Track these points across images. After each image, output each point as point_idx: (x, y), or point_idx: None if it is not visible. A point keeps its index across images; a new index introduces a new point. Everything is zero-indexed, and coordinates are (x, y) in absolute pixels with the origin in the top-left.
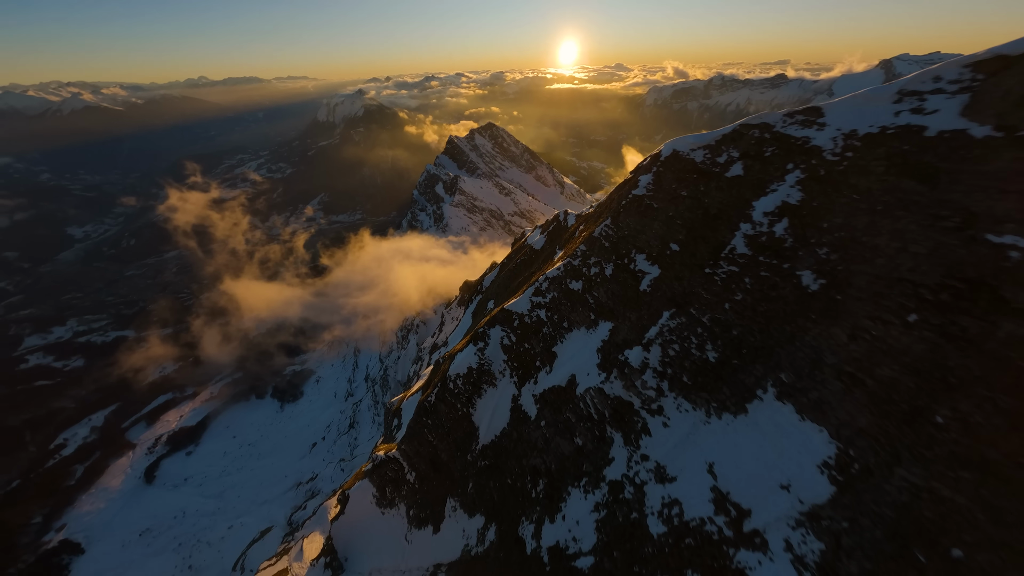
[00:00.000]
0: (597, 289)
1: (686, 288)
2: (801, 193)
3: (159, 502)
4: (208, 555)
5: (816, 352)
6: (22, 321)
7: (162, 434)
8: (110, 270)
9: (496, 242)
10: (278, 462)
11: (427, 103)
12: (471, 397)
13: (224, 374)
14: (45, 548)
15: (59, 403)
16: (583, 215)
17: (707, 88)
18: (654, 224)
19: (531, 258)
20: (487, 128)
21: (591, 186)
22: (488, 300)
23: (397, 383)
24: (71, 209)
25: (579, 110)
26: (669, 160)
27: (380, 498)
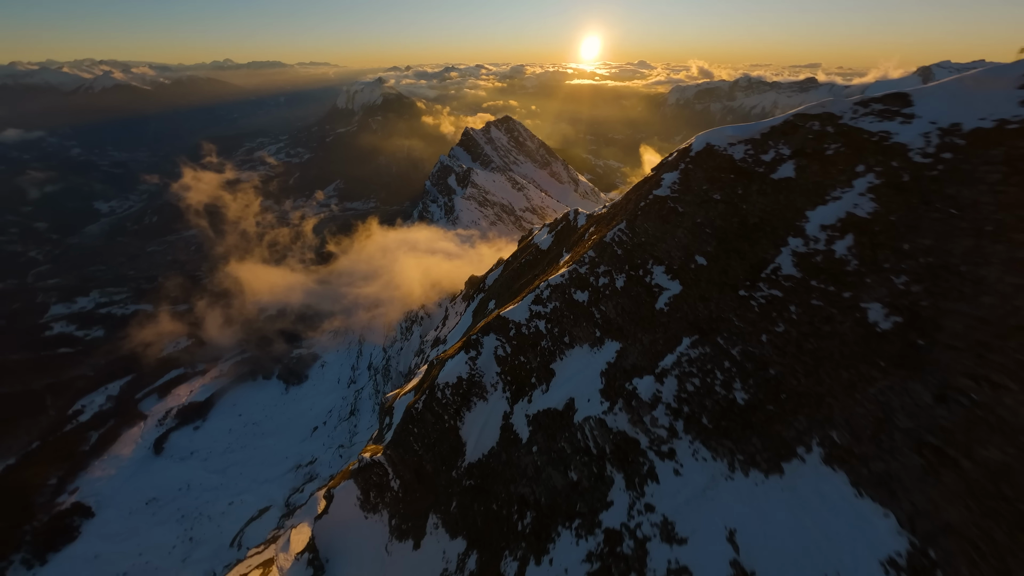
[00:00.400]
0: (605, 302)
1: (713, 311)
2: (874, 203)
3: (166, 473)
4: (208, 529)
5: (885, 410)
6: (49, 290)
7: (172, 407)
8: (132, 245)
9: (506, 237)
10: (280, 443)
11: (446, 94)
12: (459, 409)
13: (233, 353)
14: (59, 509)
15: (79, 371)
16: (595, 215)
17: (732, 89)
18: (677, 231)
19: (536, 259)
20: (503, 121)
21: (606, 185)
22: (490, 300)
23: (399, 373)
24: (98, 184)
25: (598, 107)
26: (701, 156)
27: (364, 501)
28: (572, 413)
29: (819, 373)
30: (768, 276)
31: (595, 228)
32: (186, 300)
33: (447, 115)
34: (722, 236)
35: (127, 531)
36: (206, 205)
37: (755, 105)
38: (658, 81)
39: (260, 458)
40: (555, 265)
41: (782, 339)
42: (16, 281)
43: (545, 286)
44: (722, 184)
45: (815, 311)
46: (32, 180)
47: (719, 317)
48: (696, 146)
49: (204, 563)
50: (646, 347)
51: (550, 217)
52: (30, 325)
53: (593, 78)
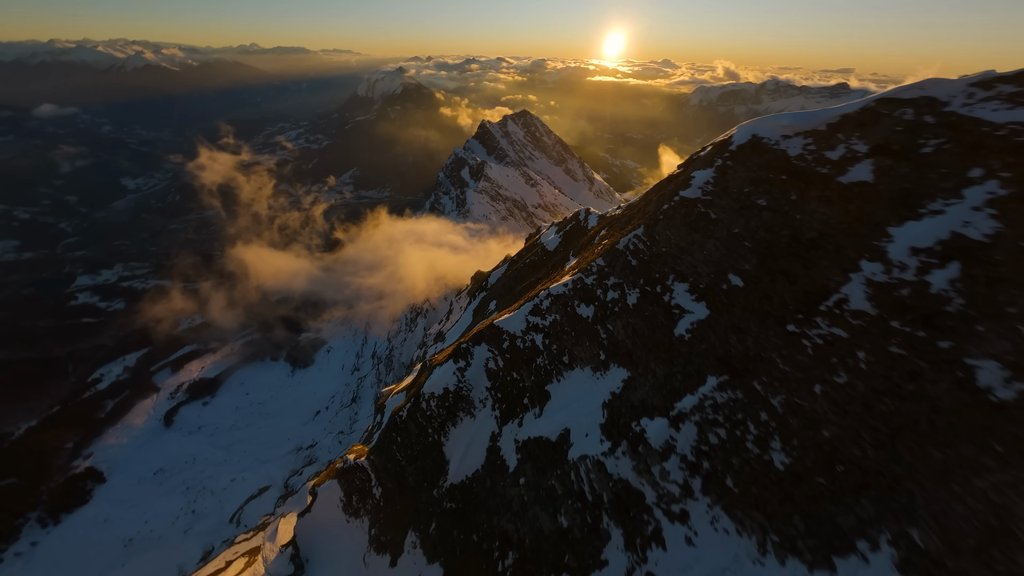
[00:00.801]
0: (613, 321)
1: (750, 347)
2: (996, 222)
3: (174, 445)
4: (210, 503)
5: (1001, 516)
6: (76, 261)
7: (184, 382)
8: (155, 222)
9: (516, 234)
10: (283, 424)
11: (465, 86)
12: (444, 424)
13: (244, 333)
14: (73, 472)
15: (99, 340)
16: (608, 216)
17: (758, 92)
18: (708, 242)
19: (541, 260)
20: (521, 115)
21: (621, 185)
22: (491, 300)
23: (401, 365)
24: (125, 161)
25: (618, 105)
26: (745, 150)
27: (347, 504)
28: (567, 447)
29: (896, 446)
30: (829, 309)
31: (607, 231)
32: (199, 279)
33: (465, 107)
34: (766, 252)
35: (135, 498)
36: (220, 186)
37: (782, 109)
38: (682, 81)
39: (263, 438)
40: (560, 270)
41: (844, 394)
42: (47, 251)
43: (545, 295)
44: (770, 187)
45: (895, 362)
46: (64, 155)
47: (757, 356)
48: (739, 138)
49: (204, 536)
50: (660, 381)
51: (562, 215)
52: (57, 294)
53: (615, 75)
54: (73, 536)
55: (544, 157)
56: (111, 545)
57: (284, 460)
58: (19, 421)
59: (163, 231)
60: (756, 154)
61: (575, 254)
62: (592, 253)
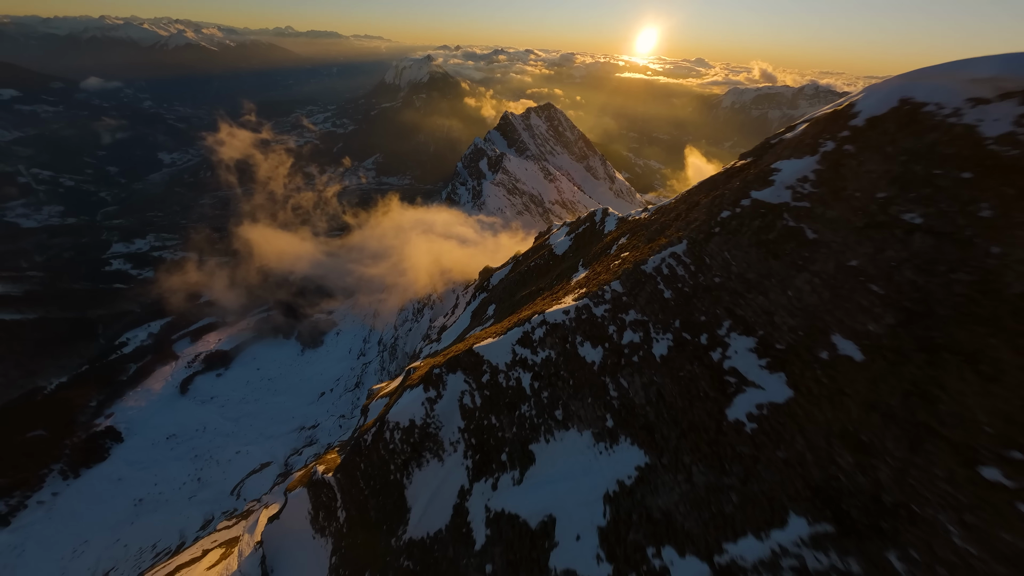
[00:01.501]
0: (630, 375)
1: (883, 483)
2: None
3: (187, 413)
4: (215, 473)
5: None
6: (113, 229)
7: (201, 352)
8: (187, 196)
9: (529, 230)
10: (289, 402)
11: (491, 77)
12: (408, 463)
13: (261, 309)
14: (95, 430)
15: (128, 306)
16: (631, 220)
17: (795, 97)
18: (798, 277)
19: (547, 265)
20: (544, 108)
21: (643, 186)
22: (490, 303)
23: (404, 355)
24: (162, 136)
25: (646, 103)
26: (884, 125)
27: (314, 519)
28: (549, 545)
29: None
30: None
31: (628, 240)
32: (213, 254)
33: (489, 98)
34: (920, 309)
35: (148, 460)
36: (239, 163)
37: None
38: (714, 81)
39: (269, 413)
40: (565, 283)
41: None
42: (88, 218)
43: (539, 320)
44: (935, 190)
45: None
46: (106, 126)
47: (899, 504)
48: (871, 104)
49: (206, 505)
50: (699, 492)
51: (579, 214)
52: (94, 259)
53: (645, 72)
54: (90, 490)
55: (565, 152)
56: (122, 503)
57: (287, 438)
58: (51, 377)
59: (193, 205)
60: (907, 132)
61: (585, 264)
62: (607, 270)
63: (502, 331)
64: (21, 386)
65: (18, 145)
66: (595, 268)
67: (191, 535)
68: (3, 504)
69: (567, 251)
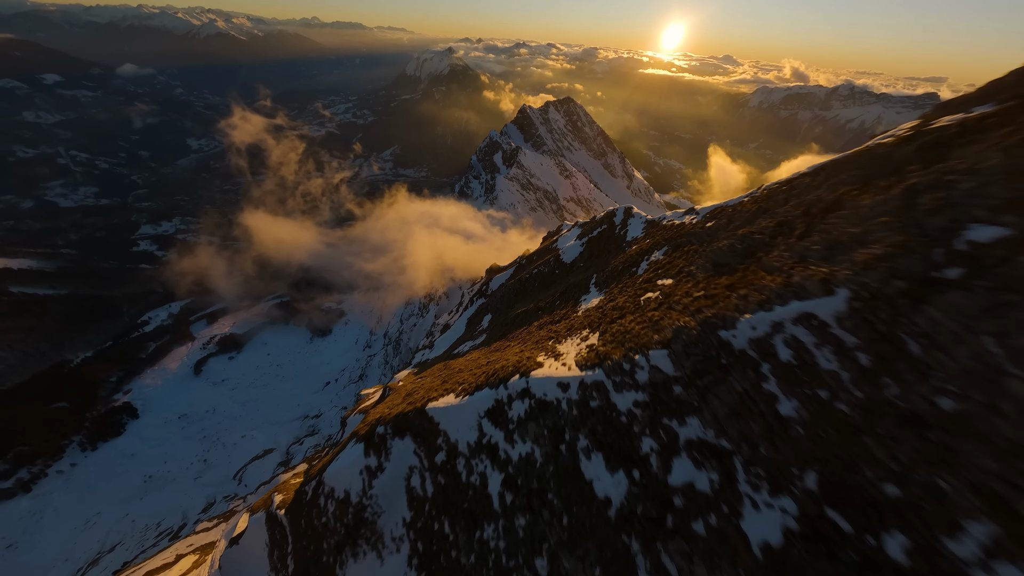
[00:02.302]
0: (686, 559)
1: None
2: None
3: (199, 394)
4: (220, 455)
5: None
6: (142, 211)
7: (216, 335)
8: (212, 182)
9: (541, 228)
10: (295, 389)
11: (511, 70)
12: (342, 547)
13: (275, 294)
14: (113, 405)
15: (151, 286)
16: (667, 225)
17: (828, 97)
18: None
19: (552, 274)
20: (564, 102)
21: (662, 186)
22: (486, 313)
23: (408, 350)
24: (190, 122)
25: (669, 100)
26: None
27: (270, 553)
28: None
29: None
30: None
31: (668, 258)
32: (228, 239)
33: (508, 91)
34: None
35: (159, 438)
36: (252, 147)
37: (853, 118)
38: (742, 79)
39: (276, 399)
40: (569, 310)
41: None
42: (120, 199)
43: (521, 389)
44: None
45: None
46: (138, 112)
47: None
48: None
49: (209, 487)
50: None
51: (594, 212)
52: (123, 239)
53: (669, 69)
54: (105, 463)
55: (583, 148)
56: (134, 478)
57: (291, 425)
58: (78, 351)
59: (218, 191)
60: None
61: (600, 283)
62: (636, 309)
63: (470, 387)
64: (49, 358)
65: (59, 128)
66: (613, 294)
67: (192, 516)
68: (26, 471)
69: (577, 259)
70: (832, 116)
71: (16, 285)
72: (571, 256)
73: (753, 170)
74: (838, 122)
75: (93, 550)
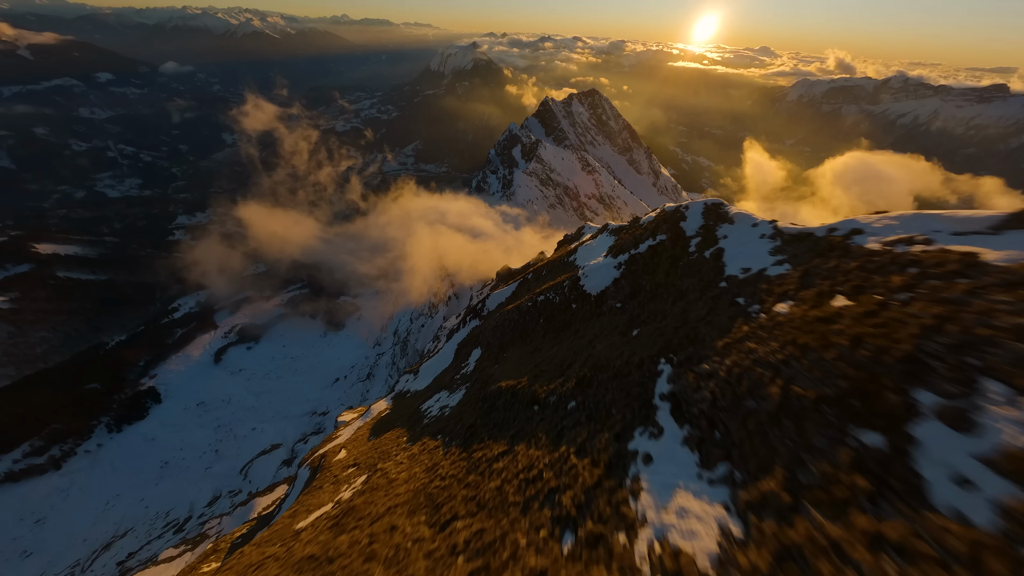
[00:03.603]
0: None
1: None
2: None
3: (217, 382)
4: (231, 447)
5: None
6: (179, 202)
7: (237, 324)
8: (243, 175)
9: (559, 226)
10: (306, 383)
11: (535, 64)
12: None
13: (295, 286)
14: (139, 388)
15: (183, 275)
16: (826, 241)
17: (878, 90)
18: None
19: (565, 309)
20: (588, 95)
21: (689, 184)
22: (476, 345)
23: (415, 352)
24: (223, 117)
25: (700, 94)
26: None
27: None
28: None
29: None
30: None
31: None
32: (233, 230)
33: (531, 86)
34: None
35: (177, 424)
36: (264, 138)
37: (905, 113)
38: (780, 72)
39: (287, 393)
40: (598, 488)
41: None
42: (160, 190)
43: None
44: None
45: None
46: (177, 107)
47: None
48: None
49: (216, 480)
50: None
51: (618, 210)
52: (160, 228)
53: (701, 61)
54: (128, 446)
55: (607, 144)
56: (152, 463)
57: (299, 421)
58: (114, 334)
59: (250, 183)
60: None
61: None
62: None
63: None
64: (88, 340)
65: (109, 123)
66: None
67: (199, 509)
68: (58, 449)
69: (609, 290)
70: (881, 110)
71: (62, 270)
72: (598, 283)
73: (793, 167)
74: (888, 117)
75: (108, 533)
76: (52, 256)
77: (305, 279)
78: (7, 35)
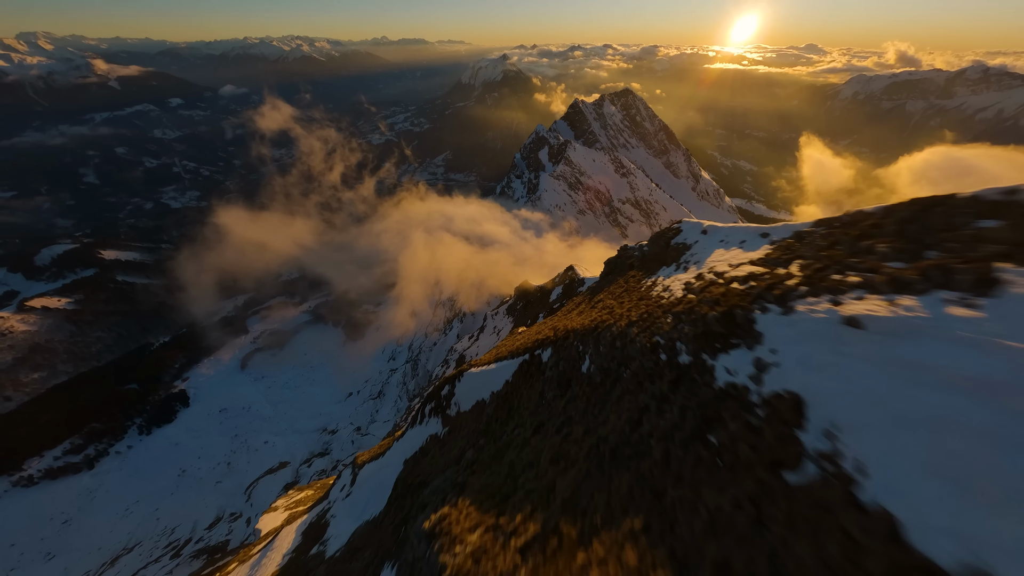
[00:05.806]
0: None
1: None
2: None
3: (240, 389)
4: (243, 460)
5: None
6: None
7: (265, 330)
8: (287, 188)
9: (589, 234)
10: (321, 395)
11: (565, 72)
12: None
13: (323, 293)
14: (172, 391)
15: (226, 281)
16: None
17: (951, 82)
18: None
19: None
20: (622, 95)
21: (729, 189)
22: (467, 448)
23: (426, 372)
24: (273, 134)
25: (741, 94)
26: None
27: None
28: None
29: None
30: None
31: None
32: None
33: (560, 92)
34: None
35: (200, 429)
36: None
37: (986, 107)
38: (831, 68)
39: (301, 405)
40: None
41: None
42: (217, 201)
43: None
44: None
45: None
46: (231, 124)
47: None
48: None
49: (223, 497)
50: None
51: (656, 216)
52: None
53: (740, 62)
54: (154, 449)
55: (642, 146)
56: (171, 469)
57: (309, 437)
58: (160, 335)
59: (293, 194)
60: None
61: None
62: None
63: None
64: (136, 341)
65: (176, 142)
66: None
67: (200, 530)
68: (93, 448)
69: None
70: (955, 105)
71: (121, 274)
72: None
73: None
74: (964, 112)
75: (120, 544)
76: (114, 261)
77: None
78: (102, 69)
